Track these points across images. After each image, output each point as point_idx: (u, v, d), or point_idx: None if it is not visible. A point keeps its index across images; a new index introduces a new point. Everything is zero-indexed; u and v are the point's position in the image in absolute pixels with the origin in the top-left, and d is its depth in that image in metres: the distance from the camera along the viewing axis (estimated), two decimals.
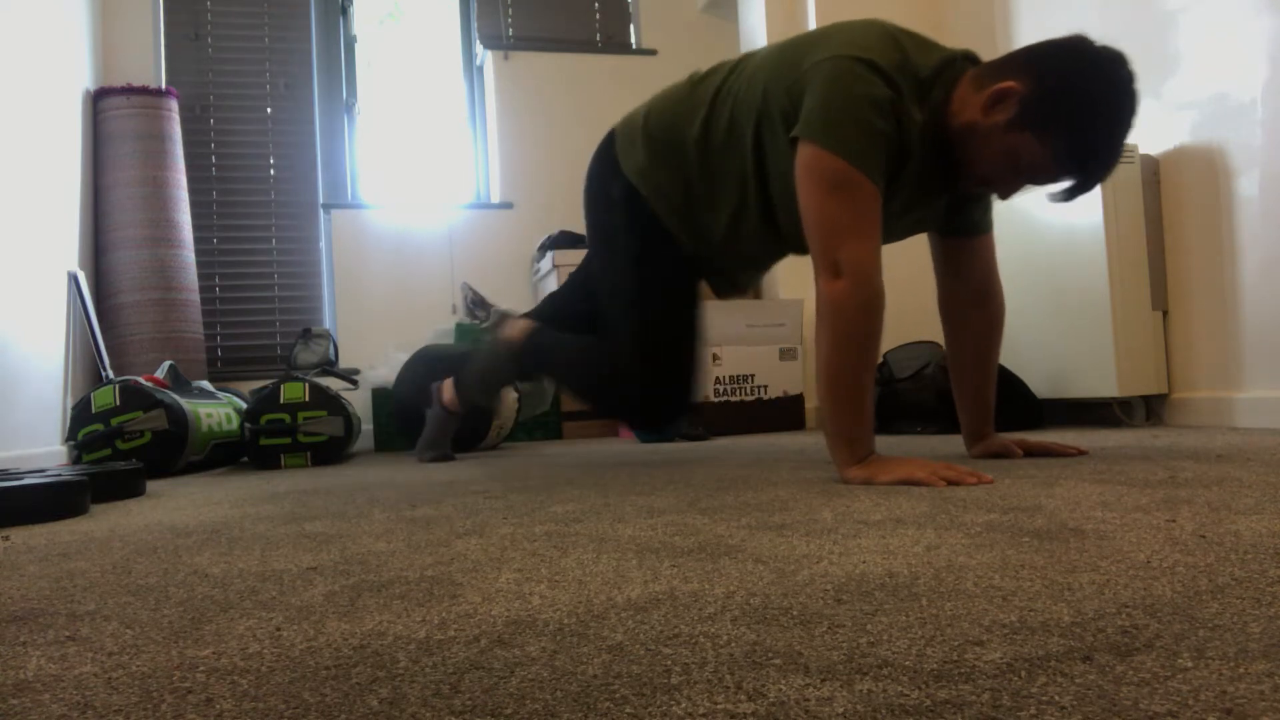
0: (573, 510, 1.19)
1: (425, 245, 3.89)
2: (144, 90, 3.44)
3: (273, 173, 3.87)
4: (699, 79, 1.66)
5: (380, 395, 3.31)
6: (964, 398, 1.69)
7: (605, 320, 1.81)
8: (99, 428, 2.30)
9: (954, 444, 1.96)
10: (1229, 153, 2.20)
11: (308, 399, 2.53)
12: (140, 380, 2.42)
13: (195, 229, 3.59)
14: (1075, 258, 2.44)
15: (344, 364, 3.63)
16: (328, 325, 3.88)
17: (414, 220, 3.89)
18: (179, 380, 2.62)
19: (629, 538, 0.94)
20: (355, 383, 3.23)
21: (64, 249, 3.10)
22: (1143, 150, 2.40)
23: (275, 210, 3.87)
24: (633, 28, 4.29)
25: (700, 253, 1.71)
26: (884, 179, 1.37)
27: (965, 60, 1.43)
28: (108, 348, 3.24)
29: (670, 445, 2.64)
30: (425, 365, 2.83)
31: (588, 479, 1.62)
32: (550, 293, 2.27)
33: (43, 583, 0.86)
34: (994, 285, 1.65)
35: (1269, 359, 2.13)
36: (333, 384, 3.02)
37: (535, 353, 1.99)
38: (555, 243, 3.62)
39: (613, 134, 1.78)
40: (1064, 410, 2.71)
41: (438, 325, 3.67)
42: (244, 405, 2.73)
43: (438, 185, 4.17)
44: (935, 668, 0.48)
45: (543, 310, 2.10)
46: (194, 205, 3.61)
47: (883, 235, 1.41)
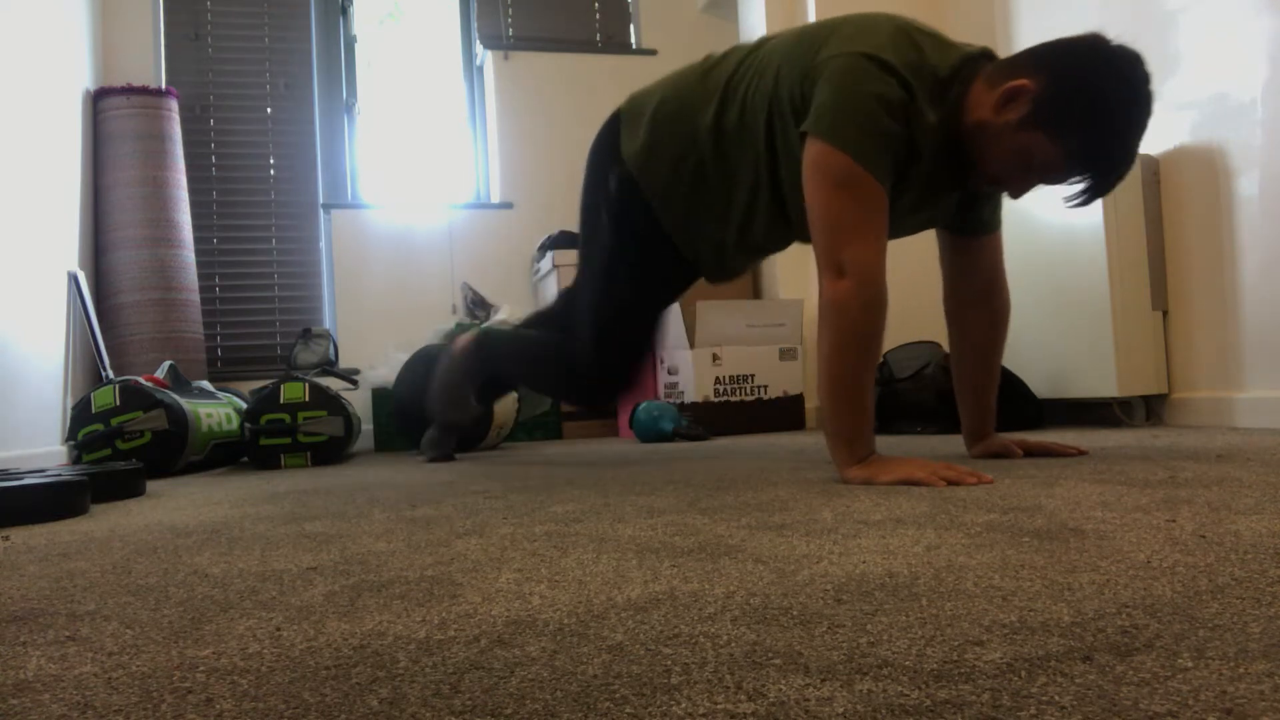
0: (573, 510, 1.19)
1: (425, 245, 3.88)
2: (144, 90, 3.43)
3: (273, 173, 3.87)
4: (712, 64, 1.63)
5: (380, 395, 3.31)
6: (966, 396, 1.69)
7: (574, 303, 1.85)
8: (99, 428, 2.30)
9: (954, 444, 1.96)
10: (1229, 153, 2.20)
11: (308, 399, 2.53)
12: (140, 380, 2.42)
13: (195, 229, 3.59)
14: (1075, 258, 2.44)
15: (344, 364, 3.63)
16: (328, 325, 3.87)
17: (414, 220, 3.89)
18: (179, 380, 2.62)
19: (629, 538, 0.94)
20: (355, 383, 3.23)
21: (64, 249, 3.10)
22: (1143, 150, 2.40)
23: (275, 210, 3.87)
24: (633, 28, 4.28)
25: (697, 242, 1.69)
26: (891, 179, 1.36)
27: (983, 58, 1.40)
28: (108, 348, 3.24)
29: (670, 445, 2.64)
30: (425, 365, 2.82)
31: (588, 479, 1.62)
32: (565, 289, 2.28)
33: (43, 583, 0.86)
34: (1000, 284, 1.65)
35: (1269, 359, 2.13)
36: (333, 384, 3.02)
37: (486, 357, 2.07)
38: (555, 243, 3.62)
39: (618, 115, 1.74)
40: (1064, 410, 2.71)
41: (438, 325, 3.67)
42: (244, 405, 2.73)
43: (438, 185, 4.17)
44: (935, 668, 0.48)
45: (555, 308, 2.11)
46: (194, 205, 3.61)
47: (891, 231, 1.41)
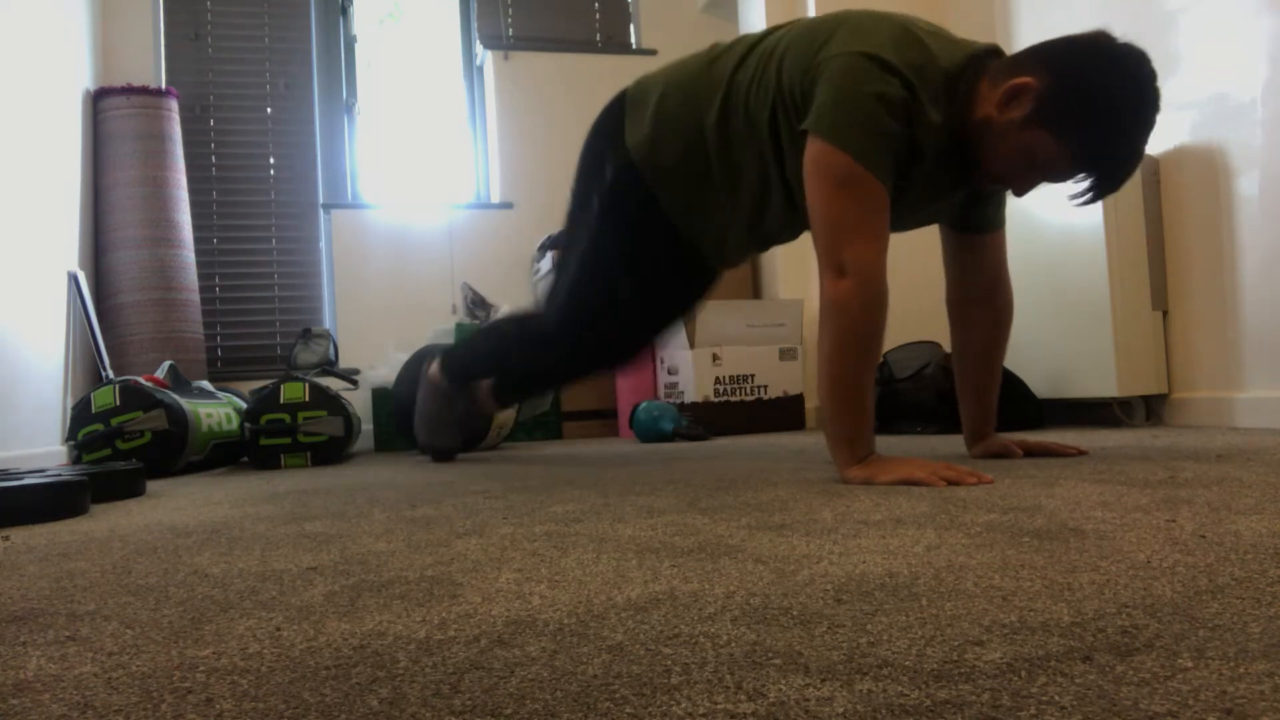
0: (573, 510, 1.19)
1: (425, 245, 3.89)
2: (144, 90, 3.44)
3: (273, 173, 3.87)
4: (718, 54, 1.59)
5: (380, 395, 3.31)
6: (967, 396, 1.69)
7: (552, 284, 1.86)
8: (99, 428, 2.30)
9: (954, 444, 1.95)
10: (1229, 153, 2.20)
11: (308, 399, 2.53)
12: (140, 380, 2.42)
13: (195, 229, 3.59)
14: (1075, 258, 2.44)
15: (344, 364, 3.63)
16: (328, 325, 3.88)
17: (414, 220, 3.89)
18: (179, 380, 2.62)
19: (629, 538, 0.94)
20: (355, 383, 3.23)
21: (64, 249, 3.10)
22: None
23: (275, 210, 3.87)
24: (633, 28, 4.29)
25: (704, 232, 1.67)
26: (893, 178, 1.36)
27: (989, 55, 1.39)
28: (108, 348, 3.24)
29: (670, 445, 2.64)
30: (425, 365, 2.83)
31: (588, 479, 1.62)
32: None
33: (43, 583, 0.86)
34: (1004, 282, 1.64)
35: (1269, 359, 2.13)
36: (333, 384, 3.02)
37: (456, 374, 2.11)
38: (555, 243, 3.62)
39: (624, 97, 1.69)
40: (1064, 410, 2.71)
41: (438, 325, 3.67)
42: (244, 405, 2.73)
43: (438, 185, 4.17)
44: (935, 668, 0.48)
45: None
46: (194, 205, 3.61)
47: (892, 226, 1.40)
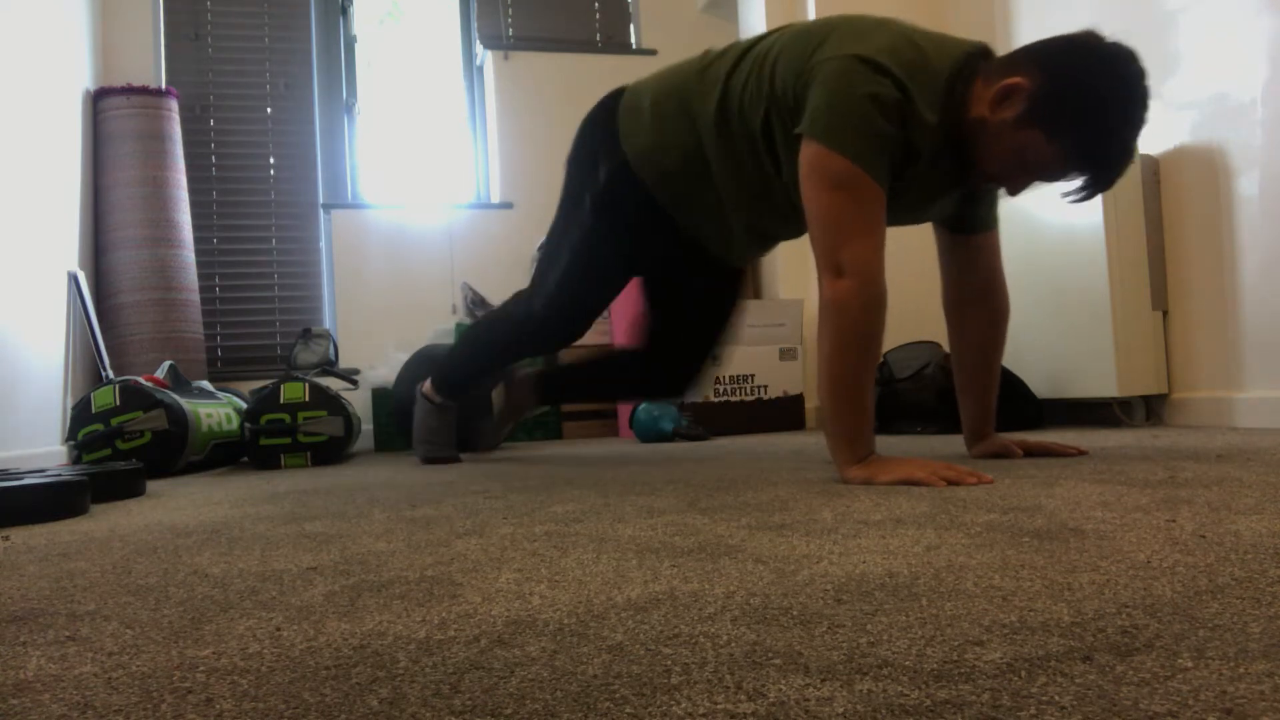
0: (573, 510, 1.19)
1: (425, 245, 3.88)
2: (144, 90, 3.43)
3: (273, 173, 3.87)
4: (710, 60, 1.60)
5: (380, 395, 3.31)
6: (966, 396, 1.69)
7: (540, 272, 1.89)
8: (99, 428, 2.30)
9: (954, 444, 1.96)
10: (1229, 153, 2.20)
11: (308, 399, 2.53)
12: (140, 380, 2.42)
13: (195, 229, 3.59)
14: (1075, 258, 2.44)
15: (344, 364, 3.63)
16: (328, 325, 3.87)
17: (414, 220, 3.89)
18: (179, 380, 2.62)
19: (629, 538, 0.94)
20: (355, 383, 3.23)
21: (64, 249, 3.10)
22: (1143, 150, 2.40)
23: (275, 210, 3.86)
24: (633, 28, 4.28)
25: (706, 233, 1.69)
26: (888, 179, 1.37)
27: (981, 55, 1.40)
28: (108, 348, 3.24)
29: (670, 445, 2.64)
30: (425, 365, 2.83)
31: (588, 479, 1.62)
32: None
33: (43, 583, 0.86)
34: (998, 282, 1.65)
35: (1269, 359, 2.13)
36: (333, 384, 3.02)
37: (454, 386, 2.14)
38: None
39: (615, 103, 1.70)
40: (1064, 410, 2.71)
41: (438, 325, 3.67)
42: (244, 405, 2.73)
43: (437, 185, 4.17)
44: (935, 668, 0.48)
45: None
46: (194, 205, 3.61)
47: (889, 223, 1.41)
